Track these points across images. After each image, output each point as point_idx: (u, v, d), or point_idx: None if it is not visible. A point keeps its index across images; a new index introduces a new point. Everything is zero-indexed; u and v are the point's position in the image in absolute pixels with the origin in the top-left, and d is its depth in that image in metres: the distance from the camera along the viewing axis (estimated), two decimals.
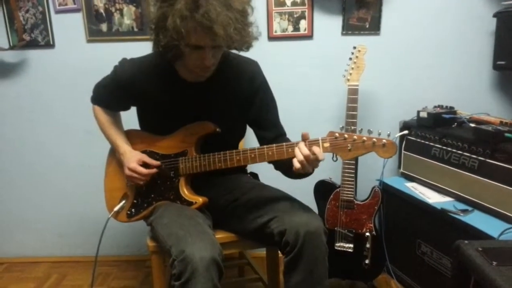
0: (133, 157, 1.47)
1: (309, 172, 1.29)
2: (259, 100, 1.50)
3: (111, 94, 1.54)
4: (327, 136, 1.25)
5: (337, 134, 1.23)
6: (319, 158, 1.22)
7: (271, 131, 1.52)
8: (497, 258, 1.11)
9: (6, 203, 2.37)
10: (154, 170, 1.46)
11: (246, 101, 1.49)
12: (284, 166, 1.37)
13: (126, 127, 1.62)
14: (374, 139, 1.20)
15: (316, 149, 1.22)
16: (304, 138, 1.26)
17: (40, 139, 2.27)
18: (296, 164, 1.23)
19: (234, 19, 1.18)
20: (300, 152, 1.23)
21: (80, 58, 2.14)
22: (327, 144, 1.24)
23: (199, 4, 1.15)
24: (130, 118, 1.59)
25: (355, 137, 1.22)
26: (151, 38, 1.31)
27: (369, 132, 1.21)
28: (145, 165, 1.46)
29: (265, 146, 1.32)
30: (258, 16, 2.00)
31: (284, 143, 1.29)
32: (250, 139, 1.62)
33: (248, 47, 1.33)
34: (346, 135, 1.22)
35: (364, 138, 1.21)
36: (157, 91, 1.44)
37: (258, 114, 1.52)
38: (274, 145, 1.30)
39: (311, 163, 1.23)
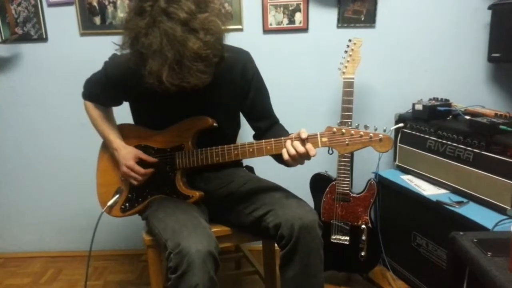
0: (129, 154, 1.46)
1: (300, 164, 1.30)
2: (253, 91, 1.49)
3: (102, 90, 1.52)
4: (325, 131, 1.25)
5: (334, 129, 1.24)
6: (310, 154, 1.23)
7: (265, 121, 1.53)
8: (492, 249, 1.12)
9: (1, 198, 2.35)
10: (151, 170, 1.46)
11: (239, 92, 1.48)
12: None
13: (118, 121, 1.61)
14: (371, 134, 1.21)
15: (308, 145, 1.24)
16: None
17: (34, 133, 2.25)
18: (285, 155, 1.25)
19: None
20: (294, 149, 1.24)
21: (73, 51, 2.12)
22: (325, 139, 1.24)
23: (156, 25, 1.11)
24: (123, 112, 1.58)
25: (352, 132, 1.22)
26: None
27: (366, 127, 1.22)
28: (141, 161, 1.46)
29: (263, 141, 1.31)
30: (253, 8, 2.04)
31: (282, 138, 1.29)
32: (246, 133, 1.62)
33: None
34: (343, 130, 1.23)
35: (361, 133, 1.22)
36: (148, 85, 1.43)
37: (252, 105, 1.51)
38: (273, 139, 1.30)
39: (303, 158, 1.26)
